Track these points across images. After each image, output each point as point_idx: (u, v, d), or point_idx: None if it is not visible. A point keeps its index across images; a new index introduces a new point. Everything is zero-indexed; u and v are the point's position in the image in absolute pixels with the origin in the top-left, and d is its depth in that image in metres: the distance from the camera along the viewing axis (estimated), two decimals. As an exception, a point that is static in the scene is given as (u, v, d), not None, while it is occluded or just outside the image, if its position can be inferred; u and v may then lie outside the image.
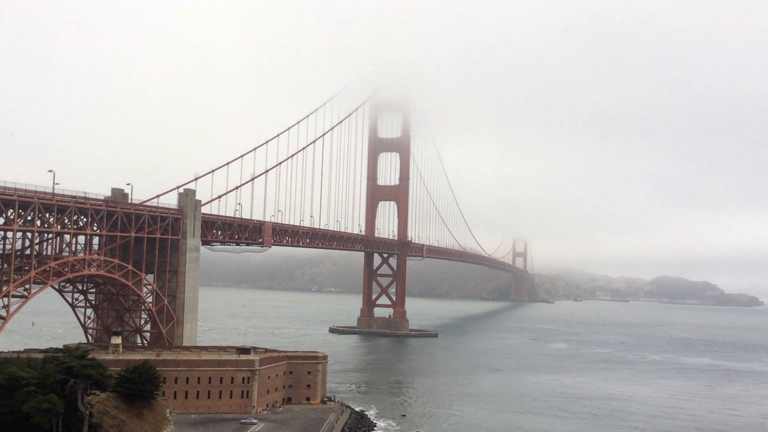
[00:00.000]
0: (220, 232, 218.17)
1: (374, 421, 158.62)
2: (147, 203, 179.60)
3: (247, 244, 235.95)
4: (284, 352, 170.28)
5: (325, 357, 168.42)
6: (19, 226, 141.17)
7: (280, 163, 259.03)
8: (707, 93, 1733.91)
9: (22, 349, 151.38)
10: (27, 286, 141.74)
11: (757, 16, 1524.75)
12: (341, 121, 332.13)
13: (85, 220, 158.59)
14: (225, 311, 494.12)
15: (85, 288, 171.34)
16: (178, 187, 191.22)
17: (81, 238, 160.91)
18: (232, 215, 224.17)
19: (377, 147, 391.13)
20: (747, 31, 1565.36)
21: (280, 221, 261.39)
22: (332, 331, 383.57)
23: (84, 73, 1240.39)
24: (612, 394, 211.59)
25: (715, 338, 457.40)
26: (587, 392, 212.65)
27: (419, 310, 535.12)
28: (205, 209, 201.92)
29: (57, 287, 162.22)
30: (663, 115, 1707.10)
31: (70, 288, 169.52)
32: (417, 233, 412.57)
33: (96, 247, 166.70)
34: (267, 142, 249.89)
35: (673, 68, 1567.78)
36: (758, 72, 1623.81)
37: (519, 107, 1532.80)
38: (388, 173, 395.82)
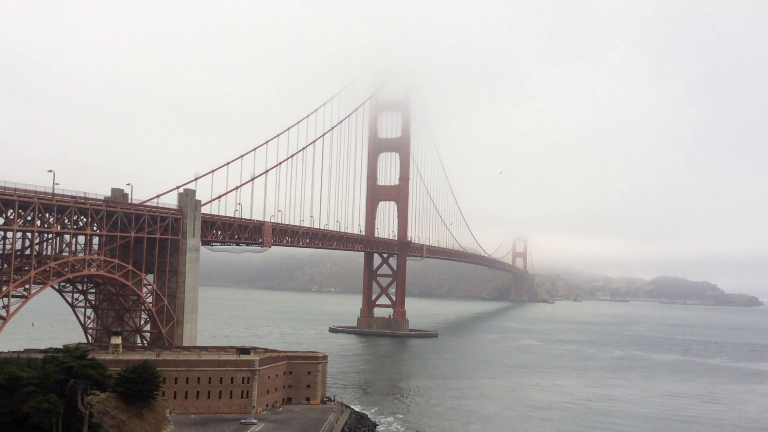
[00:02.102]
0: (220, 232, 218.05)
1: (374, 421, 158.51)
2: (147, 203, 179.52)
3: (247, 244, 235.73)
4: (284, 352, 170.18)
5: (325, 357, 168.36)
6: (19, 226, 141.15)
7: (280, 163, 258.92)
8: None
9: (22, 349, 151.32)
10: (27, 286, 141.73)
11: None
12: (341, 121, 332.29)
13: (85, 220, 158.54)
14: (224, 311, 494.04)
15: (85, 288, 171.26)
16: (178, 187, 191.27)
17: (81, 238, 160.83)
18: (232, 215, 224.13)
19: (377, 147, 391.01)
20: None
21: (280, 221, 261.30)
22: (332, 331, 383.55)
23: (84, 73, 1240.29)
24: (600, 394, 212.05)
25: (680, 336, 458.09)
26: (587, 393, 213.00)
27: (419, 311, 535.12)
28: (205, 209, 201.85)
29: (57, 287, 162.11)
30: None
31: (70, 288, 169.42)
32: (417, 233, 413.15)
33: (96, 247, 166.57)
34: (267, 142, 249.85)
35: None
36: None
37: (520, 105, 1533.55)
38: (388, 173, 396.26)
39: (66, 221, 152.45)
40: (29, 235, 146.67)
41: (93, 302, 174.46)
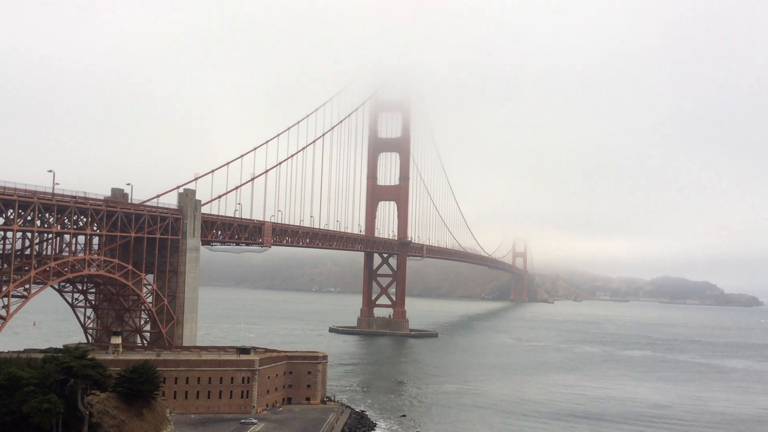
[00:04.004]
0: (220, 232, 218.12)
1: (374, 421, 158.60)
2: (147, 203, 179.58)
3: (247, 244, 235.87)
4: (284, 352, 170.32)
5: (325, 357, 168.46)
6: (19, 226, 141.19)
7: (280, 163, 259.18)
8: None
9: (22, 349, 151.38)
10: (27, 286, 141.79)
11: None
12: (341, 121, 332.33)
13: (85, 220, 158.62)
14: (225, 311, 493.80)
15: (85, 288, 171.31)
16: (178, 187, 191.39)
17: (81, 238, 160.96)
18: (232, 215, 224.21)
19: (377, 147, 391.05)
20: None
21: (280, 221, 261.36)
22: (332, 331, 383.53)
23: (83, 72, 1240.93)
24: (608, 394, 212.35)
25: (646, 334, 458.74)
26: (584, 392, 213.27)
27: (419, 310, 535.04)
28: (205, 209, 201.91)
29: (57, 287, 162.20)
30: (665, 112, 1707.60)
31: (70, 288, 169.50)
32: (417, 233, 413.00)
33: (96, 247, 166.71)
34: (267, 142, 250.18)
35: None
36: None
37: (519, 106, 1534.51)
38: (388, 173, 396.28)
39: (66, 221, 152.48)
40: (29, 235, 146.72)
41: (93, 302, 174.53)
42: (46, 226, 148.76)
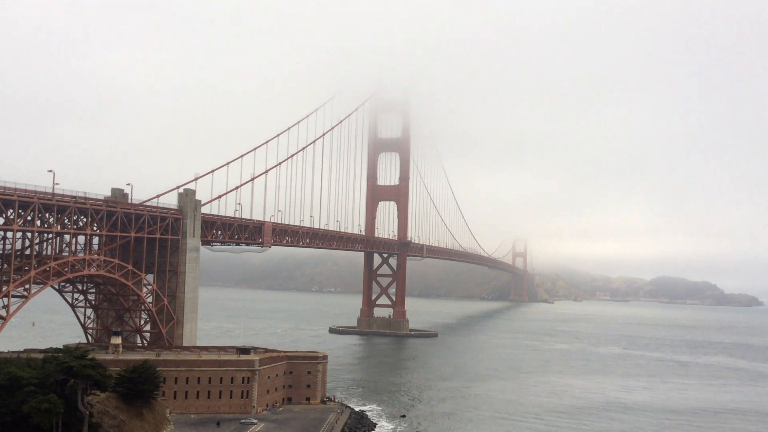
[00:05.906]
0: (220, 232, 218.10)
1: (374, 421, 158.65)
2: (147, 203, 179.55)
3: (247, 244, 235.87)
4: (284, 352, 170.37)
5: (325, 357, 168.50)
6: (19, 226, 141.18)
7: (280, 163, 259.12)
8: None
9: (22, 349, 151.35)
10: (27, 286, 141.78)
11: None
12: (341, 121, 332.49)
13: (85, 220, 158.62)
14: (225, 312, 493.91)
15: (85, 288, 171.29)
16: (178, 187, 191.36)
17: (81, 238, 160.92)
18: (232, 215, 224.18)
19: (377, 147, 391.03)
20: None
21: (280, 221, 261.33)
22: (332, 331, 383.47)
23: (84, 73, 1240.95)
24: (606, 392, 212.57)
25: (615, 332, 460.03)
26: (585, 392, 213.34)
27: (419, 310, 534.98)
28: (205, 209, 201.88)
29: (57, 287, 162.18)
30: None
31: (70, 288, 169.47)
32: (417, 233, 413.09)
33: (96, 247, 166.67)
34: (267, 142, 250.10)
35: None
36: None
37: (519, 106, 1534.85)
38: (388, 173, 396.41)
39: (66, 221, 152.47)
40: (29, 235, 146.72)
41: (93, 302, 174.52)
42: (46, 226, 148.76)
